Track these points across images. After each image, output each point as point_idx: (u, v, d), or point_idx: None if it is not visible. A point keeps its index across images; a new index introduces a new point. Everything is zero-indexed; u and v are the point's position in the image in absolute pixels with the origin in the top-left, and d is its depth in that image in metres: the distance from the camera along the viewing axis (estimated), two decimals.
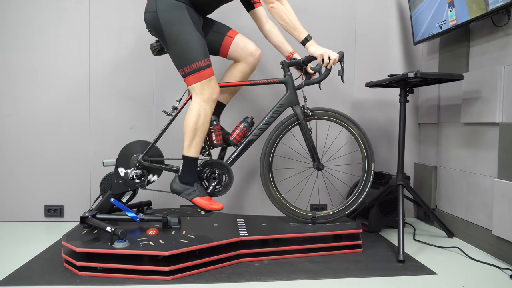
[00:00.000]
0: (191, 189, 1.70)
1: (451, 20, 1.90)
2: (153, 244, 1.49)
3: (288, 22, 1.69)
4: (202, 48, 1.63)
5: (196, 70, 1.62)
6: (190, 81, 1.65)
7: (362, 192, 1.83)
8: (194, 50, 1.61)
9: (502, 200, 1.65)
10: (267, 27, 1.85)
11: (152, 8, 1.61)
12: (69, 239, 1.54)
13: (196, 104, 1.66)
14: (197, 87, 1.65)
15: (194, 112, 1.65)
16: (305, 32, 1.72)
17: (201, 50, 1.63)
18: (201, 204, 1.68)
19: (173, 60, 1.67)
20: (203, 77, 1.63)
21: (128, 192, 1.79)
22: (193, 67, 1.62)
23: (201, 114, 1.65)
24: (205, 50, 1.65)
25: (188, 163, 1.70)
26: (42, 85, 2.22)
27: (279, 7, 1.67)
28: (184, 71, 1.64)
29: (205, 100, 1.65)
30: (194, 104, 1.66)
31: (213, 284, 1.41)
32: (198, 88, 1.65)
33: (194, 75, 1.63)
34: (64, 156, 2.24)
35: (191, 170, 1.71)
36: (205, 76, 1.64)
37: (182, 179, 1.71)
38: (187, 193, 1.70)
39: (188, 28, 1.61)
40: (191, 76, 1.63)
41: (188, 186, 1.70)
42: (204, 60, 1.63)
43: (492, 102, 1.74)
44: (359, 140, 1.83)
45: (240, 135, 1.80)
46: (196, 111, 1.65)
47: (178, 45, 1.62)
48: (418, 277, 1.50)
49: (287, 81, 1.79)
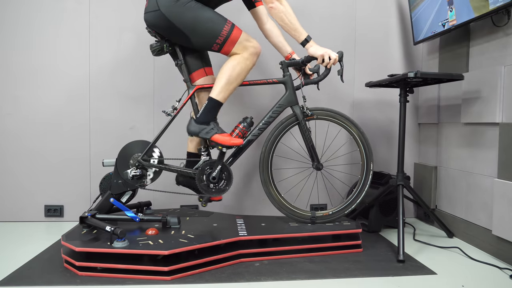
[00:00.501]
0: (208, 128, 1.68)
1: (451, 20, 1.90)
2: (153, 243, 1.49)
3: (288, 22, 1.69)
4: (219, 16, 1.64)
5: (228, 35, 1.62)
6: (229, 49, 1.64)
7: (361, 191, 1.83)
8: (214, 21, 1.61)
9: (502, 200, 1.65)
10: (267, 26, 1.85)
11: (154, 7, 1.61)
12: (69, 239, 1.54)
13: (239, 57, 1.64)
14: (239, 49, 1.64)
15: (234, 61, 1.64)
16: (305, 33, 1.72)
17: (219, 18, 1.63)
18: (221, 141, 1.66)
19: (200, 44, 1.66)
20: (236, 37, 1.63)
21: (128, 192, 1.79)
22: (224, 35, 1.61)
23: (242, 67, 1.64)
24: (222, 16, 1.65)
25: (212, 105, 1.67)
26: (42, 85, 2.22)
27: (279, 7, 1.67)
28: (218, 44, 1.63)
29: (252, 53, 1.65)
30: (238, 57, 1.65)
31: (213, 284, 1.41)
32: (240, 48, 1.64)
33: (229, 41, 1.62)
34: (64, 156, 2.24)
35: (211, 112, 1.69)
36: (238, 34, 1.64)
37: (199, 120, 1.69)
38: (206, 131, 1.67)
39: (197, 8, 1.60)
40: (227, 44, 1.63)
41: (205, 126, 1.68)
42: (227, 24, 1.63)
43: (492, 102, 1.73)
44: (358, 140, 1.83)
45: (240, 135, 1.80)
46: (237, 63, 1.64)
47: (197, 27, 1.61)
48: (418, 277, 1.50)
49: (287, 81, 1.79)
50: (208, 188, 1.73)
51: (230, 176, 1.77)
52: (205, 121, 1.69)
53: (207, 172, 1.73)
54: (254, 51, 1.66)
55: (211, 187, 1.73)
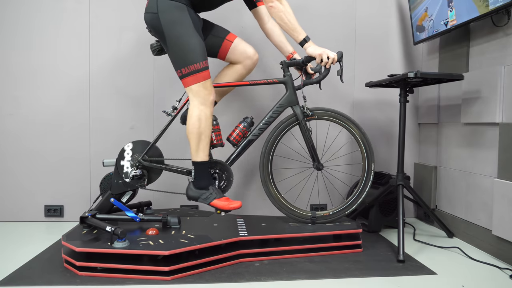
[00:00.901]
0: (207, 193, 1.70)
1: (451, 20, 1.90)
2: (153, 244, 1.49)
3: (287, 22, 1.69)
4: (201, 50, 1.64)
5: (194, 71, 1.62)
6: (188, 83, 1.65)
7: (362, 192, 1.83)
8: (193, 52, 1.62)
9: (502, 200, 1.65)
10: (268, 26, 1.85)
11: (153, 9, 1.61)
12: (69, 239, 1.54)
13: (195, 108, 1.65)
14: (194, 89, 1.65)
15: (194, 117, 1.65)
16: (304, 33, 1.72)
17: (200, 52, 1.63)
18: (220, 206, 1.69)
19: (172, 61, 1.67)
20: (200, 79, 1.63)
21: (128, 192, 1.79)
22: (191, 69, 1.62)
23: (201, 117, 1.65)
24: (204, 52, 1.65)
25: (199, 169, 1.70)
26: (42, 85, 2.22)
27: (278, 7, 1.68)
28: (182, 72, 1.64)
29: (202, 103, 1.66)
30: (193, 108, 1.66)
31: (213, 284, 1.41)
32: (195, 89, 1.65)
33: (192, 77, 1.63)
34: (64, 156, 2.24)
35: (203, 175, 1.71)
36: (202, 78, 1.64)
37: (197, 185, 1.71)
38: (204, 197, 1.70)
39: (189, 30, 1.61)
40: (189, 78, 1.64)
41: (204, 191, 1.71)
42: (202, 62, 1.63)
43: (492, 102, 1.74)
44: (359, 140, 1.83)
45: (240, 135, 1.80)
46: (196, 115, 1.65)
47: (177, 47, 1.62)
48: (418, 277, 1.50)
49: (287, 81, 1.79)
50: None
51: (230, 175, 1.77)
52: (203, 186, 1.71)
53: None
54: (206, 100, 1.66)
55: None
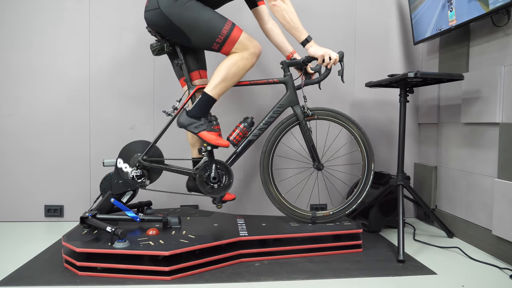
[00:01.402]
0: (198, 123, 1.67)
1: (451, 20, 1.90)
2: (153, 244, 1.49)
3: (289, 21, 1.69)
4: (218, 16, 1.63)
5: (227, 36, 1.61)
6: (229, 48, 1.63)
7: (362, 192, 1.83)
8: (214, 21, 1.60)
9: (502, 200, 1.65)
10: (269, 26, 1.85)
11: (154, 5, 1.60)
12: (70, 239, 1.54)
13: (240, 56, 1.63)
14: (239, 48, 1.63)
15: (233, 59, 1.63)
16: (306, 33, 1.72)
17: (219, 18, 1.62)
18: (207, 138, 1.65)
19: (199, 44, 1.65)
20: (237, 36, 1.62)
21: (128, 192, 1.79)
22: (224, 34, 1.60)
23: (240, 65, 1.63)
24: (221, 16, 1.64)
25: (205, 100, 1.66)
26: (42, 85, 2.22)
27: (281, 5, 1.67)
28: (218, 43, 1.62)
29: (251, 53, 1.64)
30: (237, 56, 1.64)
31: (213, 284, 1.41)
32: (240, 48, 1.63)
33: (229, 40, 1.62)
34: (64, 156, 2.24)
35: (204, 106, 1.68)
36: (238, 34, 1.63)
37: (190, 113, 1.68)
38: (194, 126, 1.66)
39: (197, 8, 1.60)
40: (227, 43, 1.62)
41: (195, 120, 1.67)
42: (227, 24, 1.62)
43: (492, 102, 1.74)
44: (359, 140, 1.83)
45: (240, 135, 1.80)
46: (236, 61, 1.63)
47: (197, 26, 1.60)
48: (418, 277, 1.50)
49: (287, 81, 1.79)
50: (213, 189, 1.73)
51: (229, 171, 1.76)
52: (197, 115, 1.68)
53: (205, 175, 1.73)
54: (254, 51, 1.66)
55: (215, 187, 1.73)
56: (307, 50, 1.73)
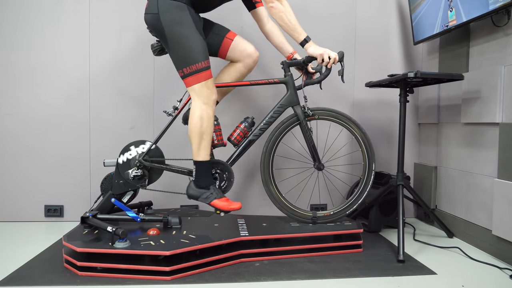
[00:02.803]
0: (208, 193, 1.70)
1: (451, 20, 1.90)
2: (154, 244, 1.49)
3: (287, 22, 1.69)
4: (202, 50, 1.63)
5: (196, 71, 1.62)
6: (189, 82, 1.65)
7: (362, 192, 1.83)
8: (195, 51, 1.61)
9: (502, 200, 1.65)
10: (268, 27, 1.85)
11: (154, 9, 1.61)
12: (70, 239, 1.54)
13: (198, 108, 1.65)
14: (196, 89, 1.65)
15: (196, 117, 1.65)
16: (304, 33, 1.72)
17: (201, 52, 1.63)
18: (220, 206, 1.68)
19: (173, 61, 1.67)
20: (202, 78, 1.63)
21: (129, 192, 1.79)
22: (193, 68, 1.62)
23: (203, 117, 1.65)
24: (205, 52, 1.65)
25: (200, 168, 1.70)
26: (42, 85, 2.21)
27: (279, 7, 1.67)
28: (184, 72, 1.64)
29: (205, 103, 1.65)
30: (195, 108, 1.66)
31: (213, 284, 1.41)
32: (197, 89, 1.65)
33: (194, 76, 1.63)
34: (64, 156, 2.24)
35: (204, 174, 1.71)
36: (204, 77, 1.64)
37: (197, 184, 1.71)
38: (205, 197, 1.70)
39: (190, 30, 1.61)
40: (190, 77, 1.63)
41: (205, 190, 1.70)
42: (204, 62, 1.63)
43: (492, 102, 1.74)
44: (360, 140, 1.83)
45: (241, 135, 1.80)
46: (198, 115, 1.65)
47: (179, 46, 1.61)
48: (418, 277, 1.50)
49: (288, 81, 1.79)
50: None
51: (231, 175, 1.77)
52: (204, 185, 1.71)
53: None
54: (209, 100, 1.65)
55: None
56: (306, 50, 1.73)
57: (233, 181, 1.79)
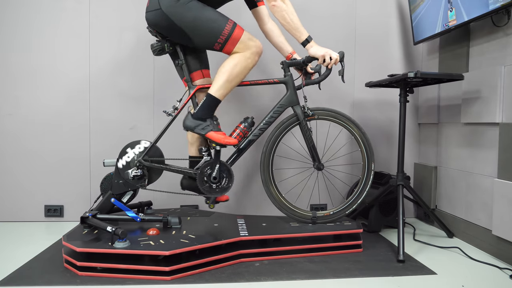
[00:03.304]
0: (204, 124, 1.67)
1: (451, 20, 1.90)
2: (154, 244, 1.49)
3: (289, 21, 1.69)
4: (220, 15, 1.63)
5: (229, 35, 1.61)
6: (230, 48, 1.64)
7: (362, 192, 1.83)
8: (215, 21, 1.61)
9: (502, 200, 1.65)
10: (268, 26, 1.85)
11: (155, 6, 1.60)
12: (70, 239, 1.54)
13: (240, 55, 1.63)
14: (240, 48, 1.63)
15: (235, 59, 1.63)
16: (306, 33, 1.72)
17: (220, 17, 1.62)
18: (216, 138, 1.65)
19: (201, 44, 1.66)
20: (238, 36, 1.62)
21: (129, 192, 1.79)
22: (225, 34, 1.61)
23: (248, 65, 1.64)
24: (223, 16, 1.64)
25: (209, 101, 1.67)
26: (41, 85, 2.22)
27: (281, 6, 1.67)
28: (220, 43, 1.62)
29: (255, 52, 1.64)
30: (237, 54, 1.64)
31: (213, 284, 1.41)
32: (241, 47, 1.63)
33: (230, 40, 1.62)
34: (64, 156, 2.24)
35: (209, 108, 1.68)
36: (240, 33, 1.63)
37: (196, 115, 1.68)
38: (201, 127, 1.67)
39: (198, 8, 1.60)
40: (229, 43, 1.62)
41: (201, 121, 1.67)
42: (228, 23, 1.62)
43: (492, 102, 1.74)
44: (359, 140, 1.83)
45: (241, 135, 1.80)
46: (237, 58, 1.63)
47: (200, 27, 1.60)
48: (418, 277, 1.50)
49: (288, 81, 1.79)
50: (211, 189, 1.73)
51: (231, 174, 1.77)
52: (202, 117, 1.68)
53: (207, 173, 1.73)
54: (256, 51, 1.66)
55: (213, 187, 1.73)
56: (307, 50, 1.73)
57: (233, 181, 1.79)
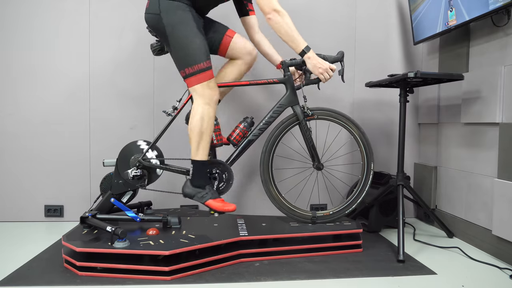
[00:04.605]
0: (203, 192, 1.70)
1: (451, 20, 1.90)
2: (153, 244, 1.49)
3: (284, 34, 1.65)
4: (204, 50, 1.63)
5: (198, 71, 1.62)
6: (192, 83, 1.65)
7: (361, 191, 1.83)
8: (197, 52, 1.61)
9: (502, 200, 1.65)
10: (259, 36, 1.88)
11: (155, 9, 1.61)
12: (70, 239, 1.54)
13: (199, 107, 1.65)
14: (198, 89, 1.65)
15: (197, 116, 1.65)
16: (303, 44, 1.67)
17: (203, 52, 1.63)
18: (214, 207, 1.68)
19: (175, 61, 1.67)
20: (204, 78, 1.63)
21: (128, 192, 1.79)
22: (195, 69, 1.62)
23: (204, 117, 1.65)
24: (206, 52, 1.65)
25: (197, 167, 1.70)
26: (42, 85, 2.22)
27: (276, 19, 1.64)
28: (186, 73, 1.64)
29: (207, 103, 1.65)
30: (197, 107, 1.66)
31: (213, 284, 1.41)
32: (199, 89, 1.65)
33: (196, 77, 1.63)
34: (64, 156, 2.24)
35: (201, 174, 1.71)
36: (207, 77, 1.64)
37: (194, 183, 1.71)
38: (200, 196, 1.70)
39: (192, 30, 1.61)
40: (193, 78, 1.63)
41: (200, 189, 1.71)
42: (205, 62, 1.63)
43: (492, 102, 1.74)
44: (359, 140, 1.83)
45: (240, 135, 1.80)
46: (199, 114, 1.65)
47: (180, 47, 1.61)
48: (418, 277, 1.50)
49: (287, 81, 1.79)
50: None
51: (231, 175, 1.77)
52: (200, 185, 1.71)
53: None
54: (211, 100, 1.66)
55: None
56: (305, 61, 1.70)
57: (233, 181, 1.79)
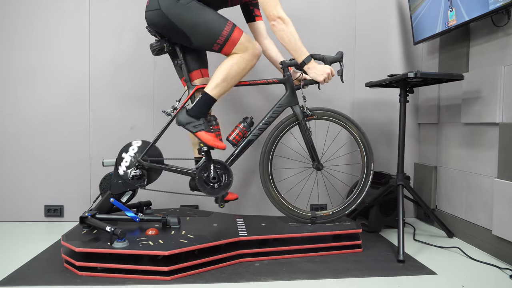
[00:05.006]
0: (196, 122, 1.67)
1: (451, 20, 1.90)
2: (153, 244, 1.49)
3: (288, 42, 1.64)
4: (219, 17, 1.63)
5: (228, 36, 1.61)
6: (229, 49, 1.64)
7: (361, 192, 1.83)
8: (215, 21, 1.61)
9: (502, 200, 1.65)
10: (266, 42, 1.88)
11: (155, 5, 1.60)
12: (69, 239, 1.54)
13: (239, 56, 1.64)
14: (239, 49, 1.64)
15: (234, 60, 1.63)
16: (305, 53, 1.66)
17: (220, 18, 1.62)
18: (204, 139, 1.66)
19: (200, 44, 1.66)
20: (237, 38, 1.62)
21: (128, 192, 1.79)
22: (224, 35, 1.61)
23: (246, 67, 1.65)
24: (222, 17, 1.64)
25: (205, 100, 1.67)
26: (42, 85, 2.22)
27: (280, 26, 1.63)
28: (219, 44, 1.62)
29: (252, 54, 1.65)
30: (236, 55, 1.64)
31: (213, 284, 1.41)
32: (240, 49, 1.63)
33: (229, 42, 1.62)
34: (64, 156, 2.24)
35: (203, 106, 1.68)
36: (239, 35, 1.63)
37: (190, 112, 1.69)
38: (193, 125, 1.67)
39: (198, 8, 1.60)
40: (227, 45, 1.62)
41: (194, 119, 1.68)
42: (228, 24, 1.62)
43: (492, 102, 1.74)
44: (359, 140, 1.83)
45: (240, 135, 1.80)
46: (236, 59, 1.63)
47: (198, 27, 1.60)
48: (418, 277, 1.50)
49: (287, 81, 1.79)
50: (214, 189, 1.73)
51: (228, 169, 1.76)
52: (196, 115, 1.69)
53: (204, 176, 1.73)
54: (254, 53, 1.66)
55: (216, 187, 1.73)
56: (306, 71, 1.70)
57: (232, 180, 1.79)
